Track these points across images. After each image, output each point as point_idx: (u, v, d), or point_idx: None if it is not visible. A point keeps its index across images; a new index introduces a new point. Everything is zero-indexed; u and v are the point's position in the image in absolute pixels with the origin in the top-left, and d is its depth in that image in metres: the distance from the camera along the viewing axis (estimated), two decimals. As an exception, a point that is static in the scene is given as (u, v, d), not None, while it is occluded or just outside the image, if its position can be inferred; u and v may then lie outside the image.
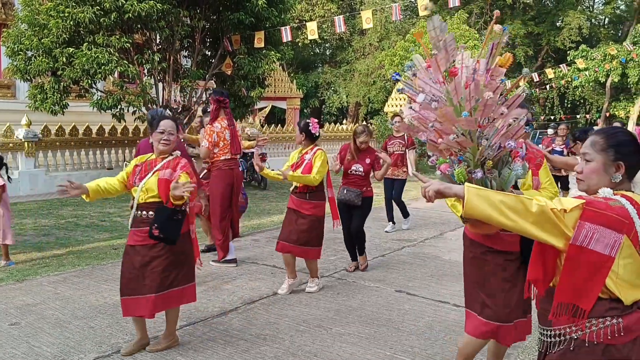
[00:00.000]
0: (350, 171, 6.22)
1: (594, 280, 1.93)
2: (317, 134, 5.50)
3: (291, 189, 5.56)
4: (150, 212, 3.78)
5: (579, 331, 1.98)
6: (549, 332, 2.07)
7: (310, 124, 5.44)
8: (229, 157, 6.36)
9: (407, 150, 8.61)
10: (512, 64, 2.75)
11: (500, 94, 2.56)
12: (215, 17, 12.56)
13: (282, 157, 17.81)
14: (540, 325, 2.15)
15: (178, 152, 3.94)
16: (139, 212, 3.82)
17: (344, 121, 31.66)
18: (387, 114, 22.76)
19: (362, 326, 4.57)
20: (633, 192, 2.09)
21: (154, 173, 3.81)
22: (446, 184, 2.20)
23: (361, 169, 6.17)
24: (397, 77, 2.85)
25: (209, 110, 6.54)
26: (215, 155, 6.32)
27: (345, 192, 6.16)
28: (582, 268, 1.94)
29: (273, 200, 12.11)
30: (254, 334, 4.39)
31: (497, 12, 2.90)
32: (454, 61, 2.60)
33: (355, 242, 6.34)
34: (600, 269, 1.92)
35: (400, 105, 22.74)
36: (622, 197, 1.99)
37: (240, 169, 7.10)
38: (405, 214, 8.90)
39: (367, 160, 6.20)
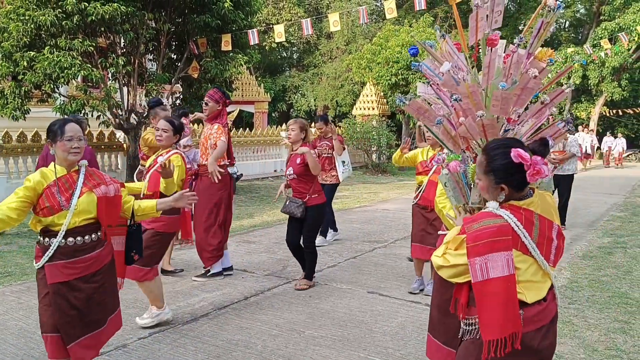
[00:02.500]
0: (287, 176, 5.66)
1: (511, 303, 2.06)
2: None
3: None
4: (88, 237, 3.09)
5: None
6: (465, 321, 2.26)
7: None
8: (228, 162, 6.04)
9: (334, 154, 7.80)
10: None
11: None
12: (180, 20, 12.40)
13: (251, 161, 17.69)
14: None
15: (85, 162, 3.21)
16: (71, 239, 3.03)
17: (312, 124, 31.70)
18: (355, 117, 22.86)
19: (335, 329, 4.55)
20: (529, 197, 2.19)
21: (81, 191, 3.08)
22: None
23: (292, 171, 5.51)
24: (415, 51, 2.79)
25: (165, 103, 6.11)
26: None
27: (287, 202, 5.58)
28: (494, 298, 2.06)
29: (242, 204, 12.02)
30: (226, 339, 4.32)
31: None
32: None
33: (306, 258, 5.72)
34: (509, 289, 2.06)
35: (368, 109, 22.88)
36: (505, 210, 2.12)
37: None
38: (332, 225, 8.16)
39: (298, 160, 5.44)
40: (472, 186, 2.57)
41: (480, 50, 2.73)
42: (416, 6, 10.34)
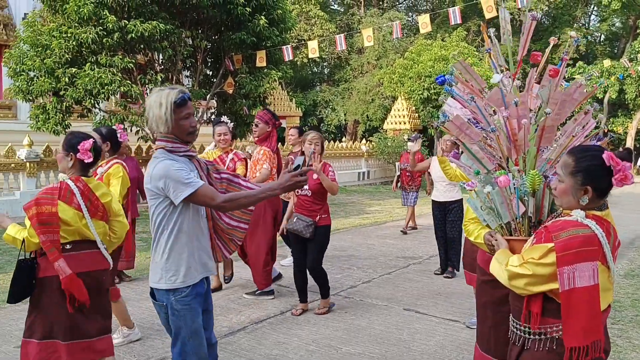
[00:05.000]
0: (298, 192, 5.19)
1: (595, 312, 2.09)
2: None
3: None
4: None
5: (561, 331, 2.15)
6: (527, 329, 2.26)
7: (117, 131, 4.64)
8: None
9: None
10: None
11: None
12: (217, 37, 12.64)
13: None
14: (514, 318, 2.36)
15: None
16: None
17: (343, 139, 31.76)
18: (386, 131, 22.84)
19: (372, 346, 4.53)
20: (606, 208, 2.22)
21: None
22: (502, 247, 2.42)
23: (306, 187, 5.05)
24: (442, 79, 2.77)
25: (223, 120, 6.18)
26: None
27: (295, 220, 5.15)
28: (579, 307, 2.08)
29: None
30: (264, 354, 4.35)
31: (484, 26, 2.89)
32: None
33: (315, 281, 5.37)
34: (595, 298, 2.08)
35: (399, 123, 22.83)
36: (592, 221, 2.13)
37: None
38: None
39: (315, 176, 5.04)
40: (522, 200, 2.50)
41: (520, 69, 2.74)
42: (451, 20, 10.34)
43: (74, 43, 10.57)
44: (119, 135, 4.55)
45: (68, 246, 3.15)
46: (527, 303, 2.24)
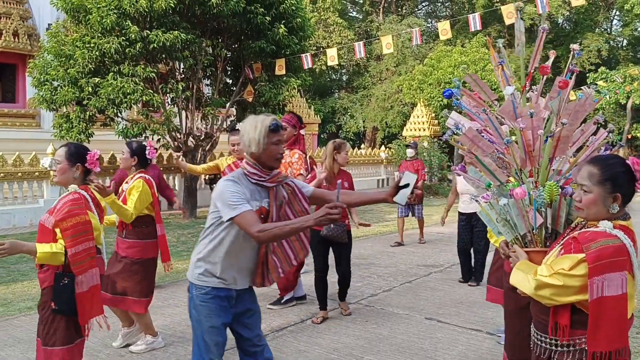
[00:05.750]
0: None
1: (621, 320, 2.11)
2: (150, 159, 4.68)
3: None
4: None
5: None
6: (554, 342, 2.25)
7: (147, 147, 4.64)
8: None
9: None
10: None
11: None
12: (237, 46, 12.76)
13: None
14: (539, 332, 2.35)
15: (74, 187, 3.25)
16: None
17: (362, 146, 31.78)
18: (405, 138, 22.77)
19: (394, 355, 4.50)
20: (629, 217, 2.25)
21: None
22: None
23: (346, 185, 5.17)
24: (449, 93, 2.74)
25: (238, 129, 6.17)
26: None
27: (332, 226, 5.17)
28: (606, 315, 2.08)
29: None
30: (285, 363, 4.35)
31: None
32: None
33: (343, 286, 5.56)
34: (622, 307, 2.10)
35: (419, 130, 22.75)
36: (619, 231, 2.14)
37: None
38: None
39: (346, 184, 5.17)
40: (539, 211, 2.46)
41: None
42: (471, 26, 10.32)
43: (97, 53, 10.75)
44: (147, 151, 4.60)
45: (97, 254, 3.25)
46: (553, 315, 2.23)
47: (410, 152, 10.09)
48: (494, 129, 2.59)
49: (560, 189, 2.44)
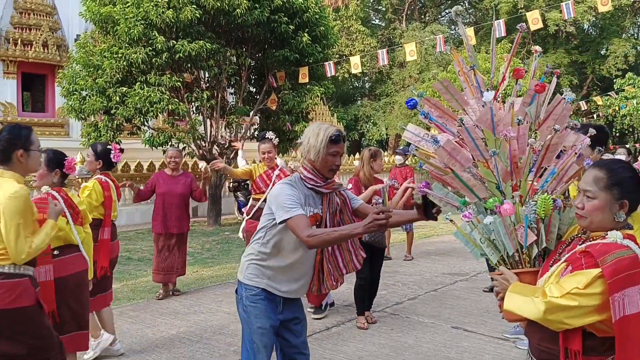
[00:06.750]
0: (371, 204, 5.08)
1: None
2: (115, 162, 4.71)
3: None
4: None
5: None
6: None
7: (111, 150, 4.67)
8: None
9: None
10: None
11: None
12: (260, 55, 12.87)
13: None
14: None
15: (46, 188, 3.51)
16: None
17: (385, 153, 31.70)
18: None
19: (420, 363, 4.48)
20: (632, 227, 2.07)
21: None
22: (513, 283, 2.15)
23: (380, 200, 5.19)
24: (414, 102, 2.51)
25: (267, 137, 6.24)
26: None
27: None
28: (632, 336, 1.89)
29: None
30: (311, 370, 4.34)
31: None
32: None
33: (372, 294, 5.64)
34: None
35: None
36: (630, 241, 1.96)
37: None
38: None
39: (377, 197, 5.24)
40: (531, 227, 2.23)
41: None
42: (496, 33, 10.22)
43: (124, 63, 10.94)
44: (112, 155, 4.66)
45: (56, 252, 3.48)
46: (563, 341, 2.01)
47: (398, 159, 9.31)
48: (471, 140, 2.34)
49: (553, 202, 2.24)
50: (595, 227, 2.05)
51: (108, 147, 4.71)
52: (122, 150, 4.72)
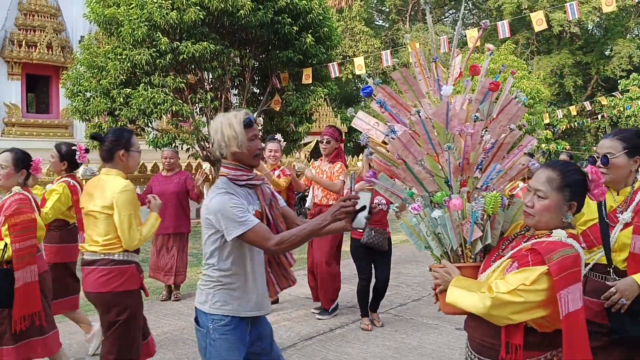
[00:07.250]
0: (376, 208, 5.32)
1: (585, 335, 1.97)
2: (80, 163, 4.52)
3: None
4: None
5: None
6: None
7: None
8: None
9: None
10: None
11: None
12: (264, 56, 12.86)
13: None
14: (484, 358, 2.15)
15: (17, 188, 3.56)
16: None
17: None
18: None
19: (424, 365, 4.47)
20: (574, 227, 2.15)
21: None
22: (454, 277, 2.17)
23: (384, 201, 5.41)
24: (369, 90, 2.50)
25: (276, 138, 6.30)
26: (332, 197, 5.71)
27: (372, 233, 5.18)
28: (576, 332, 1.94)
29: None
30: (315, 372, 4.35)
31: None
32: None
33: (378, 296, 5.58)
34: (583, 321, 1.96)
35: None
36: (573, 240, 2.01)
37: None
38: None
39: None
40: (477, 223, 2.23)
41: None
42: (500, 34, 10.22)
43: (128, 64, 10.95)
44: (77, 156, 4.39)
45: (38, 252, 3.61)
46: (505, 335, 2.03)
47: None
48: (425, 133, 2.33)
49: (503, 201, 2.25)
50: (542, 226, 2.08)
51: (73, 147, 4.45)
52: (87, 151, 4.42)
